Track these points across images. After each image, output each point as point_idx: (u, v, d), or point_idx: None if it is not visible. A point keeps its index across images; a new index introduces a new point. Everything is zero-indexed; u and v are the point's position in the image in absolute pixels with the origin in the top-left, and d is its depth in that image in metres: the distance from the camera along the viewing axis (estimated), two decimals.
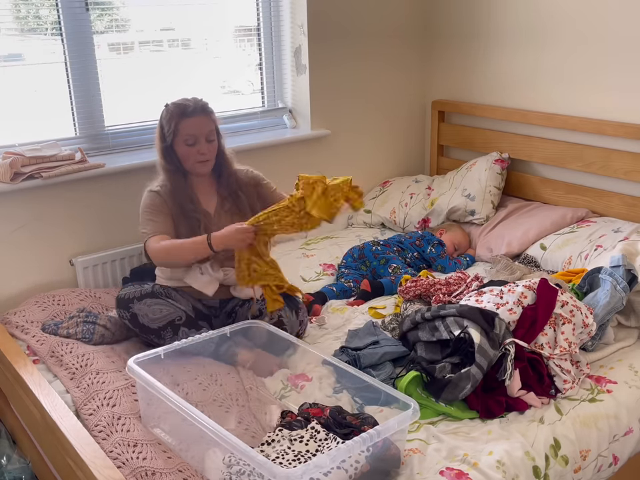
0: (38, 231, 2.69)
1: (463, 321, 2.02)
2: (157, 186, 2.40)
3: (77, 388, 2.02)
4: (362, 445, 1.57)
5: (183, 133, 2.32)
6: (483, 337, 1.95)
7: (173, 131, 2.33)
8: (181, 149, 2.35)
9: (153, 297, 2.25)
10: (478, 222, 3.18)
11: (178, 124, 2.32)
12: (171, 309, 2.25)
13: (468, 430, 1.86)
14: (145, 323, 2.21)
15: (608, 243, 2.65)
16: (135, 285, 2.31)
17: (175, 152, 2.37)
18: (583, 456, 1.87)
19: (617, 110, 2.92)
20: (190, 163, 2.37)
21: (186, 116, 2.32)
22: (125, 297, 2.26)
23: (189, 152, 2.35)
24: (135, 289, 2.28)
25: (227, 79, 3.36)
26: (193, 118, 2.33)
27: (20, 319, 2.42)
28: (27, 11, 2.71)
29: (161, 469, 1.67)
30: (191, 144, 2.33)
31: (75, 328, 2.33)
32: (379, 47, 3.47)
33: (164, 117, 2.37)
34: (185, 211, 2.37)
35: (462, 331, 1.98)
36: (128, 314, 2.23)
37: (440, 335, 2.04)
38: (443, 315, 2.08)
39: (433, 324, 2.08)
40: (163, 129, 2.36)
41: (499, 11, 3.28)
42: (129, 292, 2.27)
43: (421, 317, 2.13)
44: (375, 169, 3.66)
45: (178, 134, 2.33)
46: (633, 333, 2.32)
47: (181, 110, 2.33)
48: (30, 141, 2.71)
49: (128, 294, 2.26)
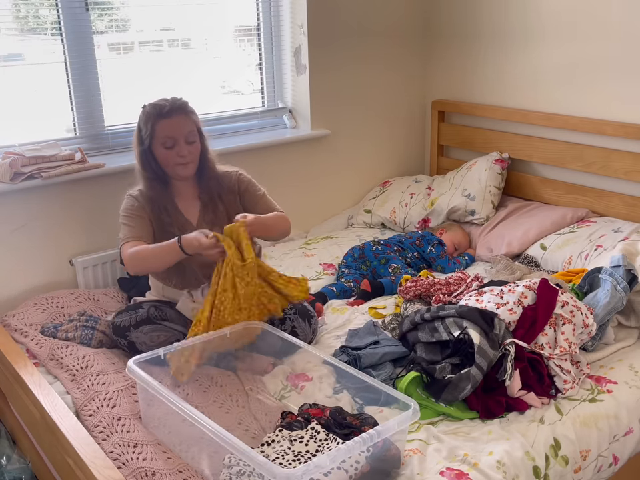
0: (38, 231, 2.69)
1: (462, 321, 2.01)
2: (136, 190, 2.31)
3: (77, 389, 2.02)
4: (362, 445, 1.57)
5: (161, 135, 2.21)
6: (483, 337, 1.94)
7: (150, 133, 2.21)
8: (159, 152, 2.24)
9: (149, 324, 2.20)
10: (478, 222, 3.18)
11: (155, 125, 2.20)
12: (168, 333, 2.20)
13: (468, 430, 1.86)
14: (144, 350, 2.13)
15: (608, 243, 2.65)
16: (130, 311, 2.25)
17: (153, 156, 2.26)
18: (583, 456, 1.87)
19: (617, 110, 2.92)
20: (170, 166, 2.25)
21: (162, 117, 2.20)
22: (120, 324, 2.20)
23: (167, 155, 2.23)
24: (130, 316, 2.21)
25: (226, 79, 3.36)
26: (170, 119, 2.21)
27: (19, 321, 2.41)
28: (27, 11, 2.71)
29: (161, 469, 1.67)
30: (169, 146, 2.22)
31: (74, 332, 2.32)
32: (379, 47, 3.47)
33: (141, 119, 2.25)
34: (164, 224, 2.28)
35: (461, 332, 1.98)
36: (125, 342, 2.19)
37: (439, 336, 2.04)
38: (443, 316, 2.08)
39: (433, 325, 2.08)
40: (141, 131, 2.25)
41: (499, 11, 3.28)
42: (124, 319, 2.21)
43: (421, 318, 2.13)
44: (375, 169, 3.66)
45: (155, 136, 2.21)
46: (633, 333, 2.32)
47: (157, 110, 2.21)
48: (30, 141, 2.71)
49: (123, 321, 2.20)
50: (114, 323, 2.23)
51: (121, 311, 2.28)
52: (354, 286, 2.74)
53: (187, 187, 2.35)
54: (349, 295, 2.70)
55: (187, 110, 2.26)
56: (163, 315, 2.25)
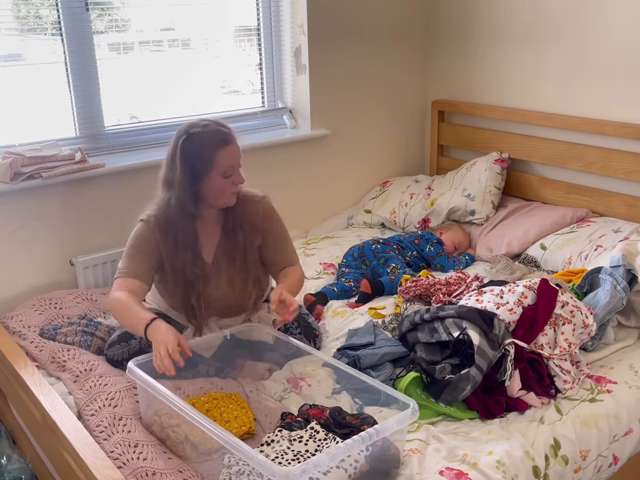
0: (38, 231, 2.69)
1: (461, 322, 2.01)
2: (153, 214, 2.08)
3: (80, 390, 2.02)
4: (361, 444, 1.57)
5: (223, 165, 1.99)
6: (482, 337, 1.94)
7: (209, 163, 1.98)
8: (216, 182, 2.01)
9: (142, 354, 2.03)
10: (478, 222, 3.18)
11: (215, 154, 1.98)
12: None
13: (468, 430, 1.86)
14: None
15: (608, 242, 2.65)
16: (122, 343, 2.16)
17: (203, 187, 2.03)
18: (583, 456, 1.87)
19: (617, 110, 2.92)
20: (225, 196, 2.05)
21: (225, 145, 1.99)
22: (113, 358, 2.16)
23: (225, 185, 2.02)
24: (122, 349, 2.15)
25: (226, 79, 3.36)
26: (231, 146, 2.01)
27: (17, 323, 2.39)
28: (27, 11, 2.71)
29: (161, 469, 1.67)
30: (228, 176, 2.02)
31: (73, 337, 2.30)
32: (378, 47, 3.47)
33: (189, 148, 1.98)
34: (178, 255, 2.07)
35: (461, 333, 1.98)
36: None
37: (439, 337, 2.04)
38: (442, 317, 2.07)
39: (432, 325, 2.08)
40: (189, 162, 1.98)
41: (499, 11, 3.28)
42: (116, 353, 2.15)
43: (420, 318, 2.13)
44: (375, 169, 3.66)
45: (215, 166, 1.99)
46: (632, 333, 2.32)
47: (219, 139, 1.99)
48: (30, 140, 2.71)
49: (116, 355, 2.15)
50: (107, 356, 2.19)
51: (113, 342, 2.18)
52: (354, 285, 2.74)
53: (213, 215, 2.15)
54: (349, 295, 2.71)
55: (236, 134, 2.07)
56: None
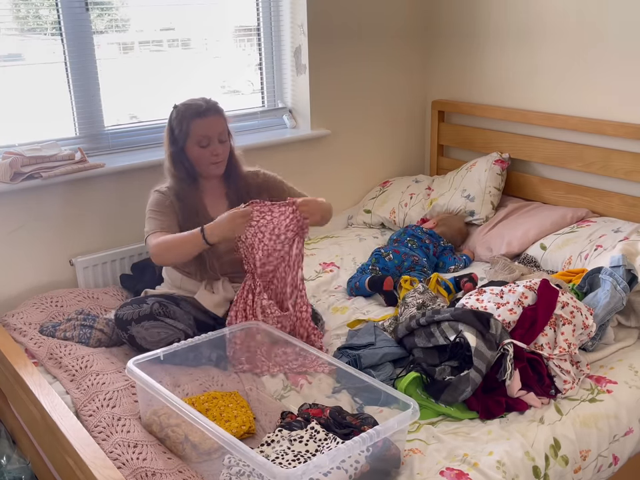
0: (38, 231, 2.69)
1: (457, 324, 2.00)
2: (164, 187, 2.35)
3: (77, 389, 2.02)
4: (362, 444, 1.57)
5: (197, 134, 2.26)
6: (479, 339, 1.94)
7: (185, 132, 2.26)
8: (193, 151, 2.29)
9: (151, 319, 2.18)
10: (477, 222, 3.18)
11: (190, 124, 2.25)
12: (170, 331, 2.19)
13: (468, 430, 1.86)
14: (143, 345, 2.16)
15: (608, 243, 2.65)
16: (134, 304, 2.24)
17: (186, 155, 2.30)
18: (583, 456, 1.87)
19: (617, 110, 2.92)
20: (204, 165, 2.31)
21: (199, 116, 2.25)
22: (122, 317, 2.21)
23: (202, 153, 2.28)
24: (133, 310, 2.21)
25: (226, 79, 3.36)
26: (206, 118, 2.26)
27: (17, 321, 2.40)
28: (27, 11, 2.71)
29: (161, 469, 1.66)
30: (204, 145, 2.27)
31: (72, 331, 2.31)
32: (378, 47, 3.47)
33: (174, 118, 2.29)
34: (191, 222, 2.27)
35: (457, 336, 1.98)
36: (126, 335, 2.20)
37: (436, 341, 2.03)
38: (438, 320, 2.06)
39: (429, 330, 2.07)
40: (173, 131, 2.29)
41: (499, 11, 3.28)
42: (127, 312, 2.21)
43: (416, 323, 2.11)
44: (375, 169, 3.66)
45: (190, 135, 2.26)
46: (632, 333, 2.32)
47: (193, 110, 2.26)
48: (30, 140, 2.71)
49: (126, 315, 2.20)
50: (117, 315, 2.23)
51: (126, 303, 2.27)
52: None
53: (215, 186, 2.40)
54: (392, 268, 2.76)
55: (219, 109, 2.33)
56: (167, 311, 2.23)
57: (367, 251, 3.04)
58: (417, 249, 2.93)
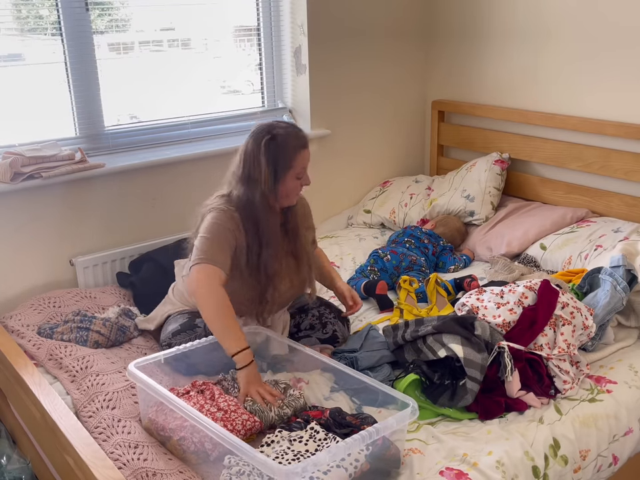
0: (38, 231, 2.69)
1: (441, 336, 1.98)
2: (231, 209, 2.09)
3: (77, 390, 2.02)
4: (361, 442, 1.57)
5: (300, 166, 2.08)
6: (466, 346, 1.93)
7: (288, 164, 2.06)
8: (290, 183, 2.09)
9: None
10: (477, 223, 3.19)
11: (295, 156, 2.06)
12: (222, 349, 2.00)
13: (467, 430, 1.86)
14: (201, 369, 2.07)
15: (608, 243, 2.65)
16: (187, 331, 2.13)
17: (279, 187, 2.09)
18: (583, 456, 1.87)
19: (616, 110, 2.92)
20: (292, 197, 2.13)
21: (305, 147, 2.09)
22: None
23: (296, 186, 2.11)
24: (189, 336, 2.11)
25: (226, 79, 3.36)
26: (308, 149, 2.10)
27: (16, 322, 2.40)
28: (27, 11, 2.71)
29: (162, 470, 1.67)
30: (300, 177, 2.11)
31: (69, 334, 2.30)
32: (378, 47, 3.47)
33: (273, 147, 2.05)
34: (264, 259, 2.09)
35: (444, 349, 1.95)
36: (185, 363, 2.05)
37: (425, 357, 2.01)
38: (423, 335, 2.03)
39: (416, 345, 2.05)
40: (272, 162, 2.05)
41: (499, 11, 3.28)
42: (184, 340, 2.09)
43: (402, 339, 2.09)
44: (375, 169, 3.66)
45: (293, 168, 2.07)
46: (632, 333, 2.32)
47: (301, 142, 2.08)
48: (30, 140, 2.71)
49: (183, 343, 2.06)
50: (171, 345, 2.11)
51: (177, 332, 2.16)
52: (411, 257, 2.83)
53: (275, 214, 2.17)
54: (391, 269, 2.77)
55: None
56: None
57: (367, 251, 3.04)
58: (414, 248, 2.93)
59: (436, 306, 2.53)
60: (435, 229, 3.10)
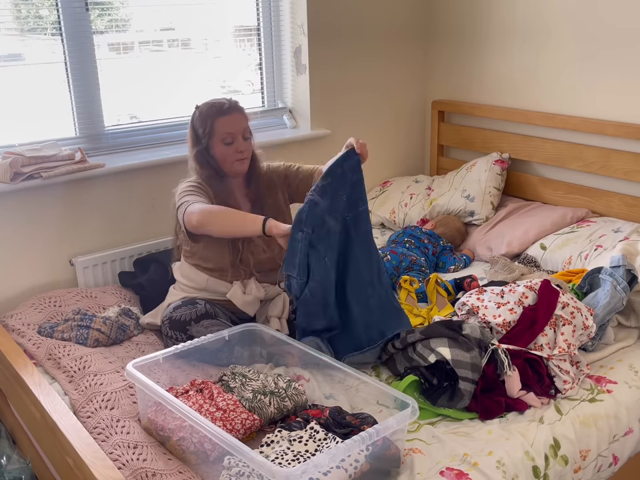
0: (38, 231, 2.69)
1: (429, 342, 1.99)
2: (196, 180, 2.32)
3: (75, 390, 2.02)
4: (361, 443, 1.57)
5: (221, 132, 2.27)
6: (453, 347, 1.93)
7: (208, 131, 2.27)
8: (218, 149, 2.30)
9: (208, 318, 2.21)
10: (477, 223, 3.18)
11: (214, 123, 2.27)
12: (224, 327, 2.17)
13: (468, 430, 1.86)
14: None
15: (608, 243, 2.65)
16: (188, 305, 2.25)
17: (210, 154, 2.31)
18: (583, 456, 1.87)
19: (616, 110, 2.92)
20: (229, 162, 2.31)
21: (222, 114, 2.27)
22: (180, 318, 2.22)
23: (226, 151, 2.29)
24: (189, 310, 2.23)
25: (226, 79, 3.36)
26: (230, 115, 2.28)
27: (16, 322, 2.40)
28: (27, 11, 2.71)
29: (162, 470, 1.66)
30: (228, 143, 2.29)
31: (70, 332, 2.31)
32: (378, 47, 3.47)
33: (196, 118, 2.31)
34: None
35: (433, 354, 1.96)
36: (184, 335, 2.19)
37: (417, 364, 2.01)
38: (412, 342, 2.04)
39: (407, 354, 2.05)
40: (197, 131, 2.30)
41: (499, 11, 3.28)
42: (183, 313, 2.22)
43: (392, 347, 2.10)
44: (375, 169, 3.65)
45: (215, 133, 2.28)
46: (632, 333, 2.32)
47: (216, 109, 2.28)
48: (30, 140, 2.71)
49: (184, 315, 2.22)
50: (172, 318, 2.23)
51: (178, 306, 2.27)
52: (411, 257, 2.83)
53: (237, 186, 2.41)
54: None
55: (241, 107, 2.35)
56: (216, 311, 2.26)
57: None
58: (414, 248, 2.93)
59: (436, 306, 2.53)
60: (435, 229, 3.10)
